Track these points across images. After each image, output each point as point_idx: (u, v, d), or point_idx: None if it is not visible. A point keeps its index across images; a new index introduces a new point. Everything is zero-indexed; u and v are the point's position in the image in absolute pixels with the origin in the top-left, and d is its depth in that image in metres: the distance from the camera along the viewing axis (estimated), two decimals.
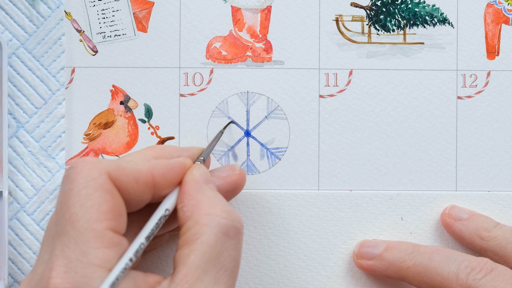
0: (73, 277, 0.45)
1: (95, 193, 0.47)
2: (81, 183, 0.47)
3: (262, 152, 0.60)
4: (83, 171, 0.48)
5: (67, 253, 0.46)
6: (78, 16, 0.59)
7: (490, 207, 0.60)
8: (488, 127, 0.60)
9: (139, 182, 0.49)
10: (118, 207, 0.48)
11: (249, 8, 0.60)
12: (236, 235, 0.49)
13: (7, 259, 0.58)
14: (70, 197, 0.47)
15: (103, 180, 0.48)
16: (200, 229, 0.48)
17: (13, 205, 0.59)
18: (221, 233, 0.48)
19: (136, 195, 0.49)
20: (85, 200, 0.47)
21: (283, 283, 0.59)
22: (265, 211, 0.59)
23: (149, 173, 0.50)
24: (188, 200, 0.50)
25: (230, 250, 0.48)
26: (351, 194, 0.60)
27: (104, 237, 0.47)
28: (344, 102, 0.60)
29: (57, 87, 0.59)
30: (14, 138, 0.59)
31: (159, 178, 0.50)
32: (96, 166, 0.48)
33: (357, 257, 0.58)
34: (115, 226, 0.48)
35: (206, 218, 0.48)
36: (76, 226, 0.46)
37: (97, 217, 0.47)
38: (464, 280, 0.53)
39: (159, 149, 0.53)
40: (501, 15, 0.60)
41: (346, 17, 0.60)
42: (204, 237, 0.47)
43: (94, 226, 0.46)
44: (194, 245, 0.47)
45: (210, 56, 0.60)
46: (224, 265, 0.48)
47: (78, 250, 0.46)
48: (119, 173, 0.49)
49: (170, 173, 0.50)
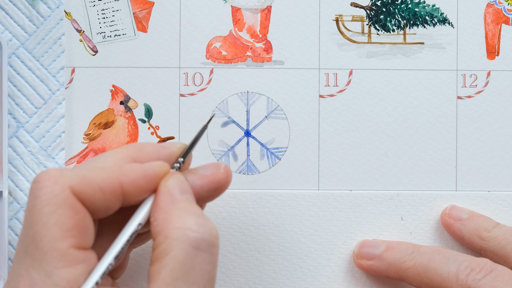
0: None
1: (57, 211, 0.46)
2: (44, 200, 0.46)
3: (262, 152, 0.60)
4: (46, 187, 0.47)
5: (31, 273, 0.45)
6: (78, 16, 0.59)
7: (490, 207, 0.60)
8: (488, 127, 0.60)
9: (106, 193, 0.48)
10: (82, 222, 0.47)
11: (249, 8, 0.60)
12: (209, 247, 0.47)
13: (7, 259, 0.58)
14: (33, 214, 0.46)
15: (65, 195, 0.46)
16: (169, 244, 0.46)
17: (13, 205, 0.59)
18: (191, 247, 0.46)
19: (102, 205, 0.48)
20: (47, 218, 0.46)
21: (283, 283, 0.59)
22: (265, 211, 0.59)
23: (116, 181, 0.48)
24: (159, 214, 0.48)
25: (202, 264, 0.46)
26: (351, 194, 0.60)
27: (67, 255, 0.46)
28: (344, 102, 0.60)
29: (57, 87, 0.59)
30: (14, 138, 0.59)
31: (129, 186, 0.48)
32: (59, 181, 0.47)
33: (357, 257, 0.58)
34: (80, 242, 0.46)
35: (175, 232, 0.46)
36: (39, 246, 0.46)
37: (59, 235, 0.46)
38: (464, 281, 0.53)
39: (137, 149, 0.51)
40: (501, 15, 0.60)
41: (346, 17, 0.60)
42: (173, 252, 0.46)
43: (57, 246, 0.45)
44: (164, 261, 0.46)
45: (210, 56, 0.60)
46: (196, 280, 0.46)
47: (42, 271, 0.45)
48: (83, 186, 0.47)
49: (141, 181, 0.48)
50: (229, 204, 0.59)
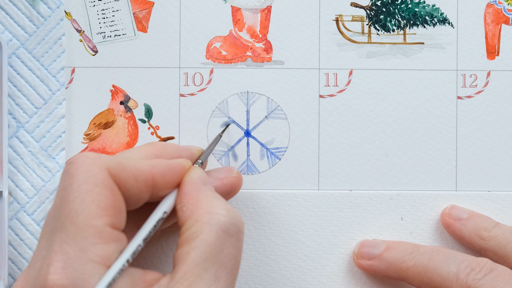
0: (71, 273, 0.45)
1: (95, 189, 0.47)
2: (81, 178, 0.47)
3: (262, 152, 0.60)
4: (83, 166, 0.48)
5: (65, 248, 0.46)
6: (78, 16, 0.59)
7: (490, 207, 0.60)
8: (488, 127, 0.60)
9: (139, 180, 0.49)
10: (117, 203, 0.48)
11: (249, 8, 0.60)
12: (237, 233, 0.49)
13: (7, 259, 0.58)
14: (70, 192, 0.47)
15: (103, 176, 0.48)
16: (200, 227, 0.48)
17: (13, 205, 0.59)
18: (221, 231, 0.48)
19: (135, 193, 0.49)
20: (84, 195, 0.47)
21: (283, 283, 0.59)
22: (265, 211, 0.59)
23: (149, 172, 0.50)
24: (188, 200, 0.50)
25: (230, 248, 0.48)
26: (351, 194, 0.60)
27: (103, 233, 0.47)
28: (344, 102, 0.60)
29: (57, 87, 0.59)
30: (14, 138, 0.59)
31: (159, 178, 0.50)
32: (96, 161, 0.48)
33: (357, 257, 0.58)
34: (114, 222, 0.47)
35: (206, 216, 0.48)
36: (75, 221, 0.46)
37: (96, 213, 0.47)
38: (464, 280, 0.53)
39: (160, 147, 0.53)
40: (501, 15, 0.60)
41: (346, 17, 0.60)
42: (204, 235, 0.48)
43: (93, 222, 0.46)
44: (194, 243, 0.47)
45: (210, 56, 0.60)
46: (224, 263, 0.48)
47: (77, 246, 0.46)
48: (119, 170, 0.49)
49: (169, 174, 0.51)
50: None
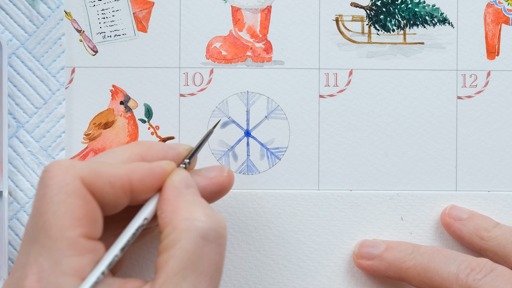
0: (46, 286, 0.45)
1: (68, 200, 0.46)
2: (54, 189, 0.47)
3: (262, 152, 0.60)
4: (57, 176, 0.47)
5: (40, 261, 0.46)
6: (78, 16, 0.59)
7: (490, 207, 0.60)
8: (488, 127, 0.60)
9: (115, 187, 0.48)
10: (92, 212, 0.47)
11: (249, 8, 0.60)
12: (217, 238, 0.48)
13: (7, 259, 0.58)
14: (43, 203, 0.47)
15: (76, 185, 0.47)
16: (178, 235, 0.47)
17: (13, 205, 0.59)
18: (199, 237, 0.47)
19: (111, 200, 0.48)
20: (57, 206, 0.46)
21: (283, 283, 0.59)
22: (265, 211, 0.59)
23: (126, 177, 0.49)
24: (167, 206, 0.49)
25: (210, 254, 0.47)
26: (351, 194, 0.60)
27: (77, 244, 0.46)
28: (344, 102, 0.60)
29: (57, 87, 0.59)
30: (14, 138, 0.59)
31: (137, 183, 0.49)
32: (70, 170, 0.47)
33: (357, 257, 0.58)
34: (89, 232, 0.47)
35: (184, 223, 0.47)
36: (49, 234, 0.46)
37: (69, 224, 0.46)
38: (464, 281, 0.53)
39: (144, 147, 0.52)
40: (501, 15, 0.60)
41: (346, 17, 0.60)
42: (182, 243, 0.47)
43: (66, 234, 0.46)
44: (172, 250, 0.46)
45: (210, 56, 0.60)
46: (204, 270, 0.47)
47: (51, 259, 0.45)
48: (93, 178, 0.48)
49: (149, 178, 0.49)
50: (229, 204, 0.59)
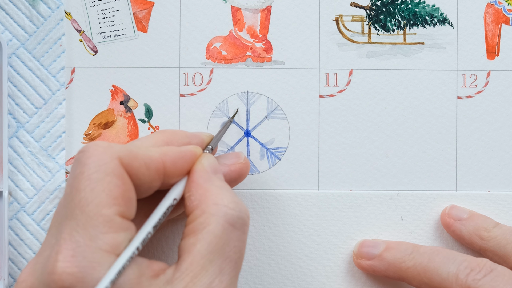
0: (80, 261, 0.45)
1: (105, 178, 0.47)
2: (92, 167, 0.47)
3: (262, 152, 0.60)
4: (94, 155, 0.48)
5: (75, 237, 0.46)
6: (78, 16, 0.59)
7: (490, 207, 0.60)
8: (488, 127, 0.60)
9: (150, 168, 0.49)
10: (128, 192, 0.48)
11: (249, 8, 0.60)
12: (242, 226, 0.49)
13: (7, 259, 0.58)
14: (81, 180, 0.47)
15: (114, 165, 0.48)
16: (207, 219, 0.48)
17: (13, 205, 0.59)
18: (227, 223, 0.48)
19: (146, 181, 0.49)
20: (95, 184, 0.47)
21: (283, 283, 0.59)
22: (265, 211, 0.59)
23: (160, 160, 0.50)
24: (196, 189, 0.50)
25: (235, 241, 0.48)
26: (351, 194, 0.60)
27: (113, 222, 0.46)
28: (344, 102, 0.60)
29: (57, 87, 0.59)
30: (14, 138, 0.59)
31: (170, 165, 0.50)
32: (107, 150, 0.48)
33: (357, 257, 0.58)
34: (124, 212, 0.47)
35: (214, 208, 0.48)
36: (85, 210, 0.46)
37: (107, 202, 0.47)
38: (464, 281, 0.53)
39: (169, 134, 0.53)
40: (501, 15, 0.60)
41: (346, 17, 0.60)
42: (211, 227, 0.48)
43: (103, 211, 0.46)
44: (201, 234, 0.47)
45: (210, 56, 0.60)
46: (229, 256, 0.48)
47: (86, 235, 0.46)
48: (130, 159, 0.48)
49: (180, 161, 0.50)
50: None
